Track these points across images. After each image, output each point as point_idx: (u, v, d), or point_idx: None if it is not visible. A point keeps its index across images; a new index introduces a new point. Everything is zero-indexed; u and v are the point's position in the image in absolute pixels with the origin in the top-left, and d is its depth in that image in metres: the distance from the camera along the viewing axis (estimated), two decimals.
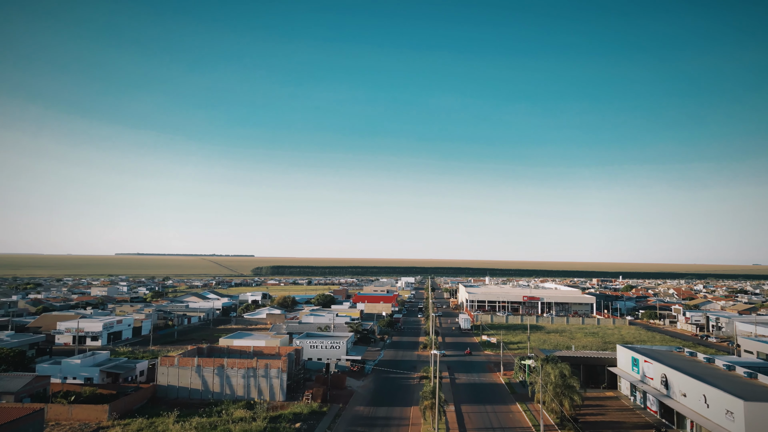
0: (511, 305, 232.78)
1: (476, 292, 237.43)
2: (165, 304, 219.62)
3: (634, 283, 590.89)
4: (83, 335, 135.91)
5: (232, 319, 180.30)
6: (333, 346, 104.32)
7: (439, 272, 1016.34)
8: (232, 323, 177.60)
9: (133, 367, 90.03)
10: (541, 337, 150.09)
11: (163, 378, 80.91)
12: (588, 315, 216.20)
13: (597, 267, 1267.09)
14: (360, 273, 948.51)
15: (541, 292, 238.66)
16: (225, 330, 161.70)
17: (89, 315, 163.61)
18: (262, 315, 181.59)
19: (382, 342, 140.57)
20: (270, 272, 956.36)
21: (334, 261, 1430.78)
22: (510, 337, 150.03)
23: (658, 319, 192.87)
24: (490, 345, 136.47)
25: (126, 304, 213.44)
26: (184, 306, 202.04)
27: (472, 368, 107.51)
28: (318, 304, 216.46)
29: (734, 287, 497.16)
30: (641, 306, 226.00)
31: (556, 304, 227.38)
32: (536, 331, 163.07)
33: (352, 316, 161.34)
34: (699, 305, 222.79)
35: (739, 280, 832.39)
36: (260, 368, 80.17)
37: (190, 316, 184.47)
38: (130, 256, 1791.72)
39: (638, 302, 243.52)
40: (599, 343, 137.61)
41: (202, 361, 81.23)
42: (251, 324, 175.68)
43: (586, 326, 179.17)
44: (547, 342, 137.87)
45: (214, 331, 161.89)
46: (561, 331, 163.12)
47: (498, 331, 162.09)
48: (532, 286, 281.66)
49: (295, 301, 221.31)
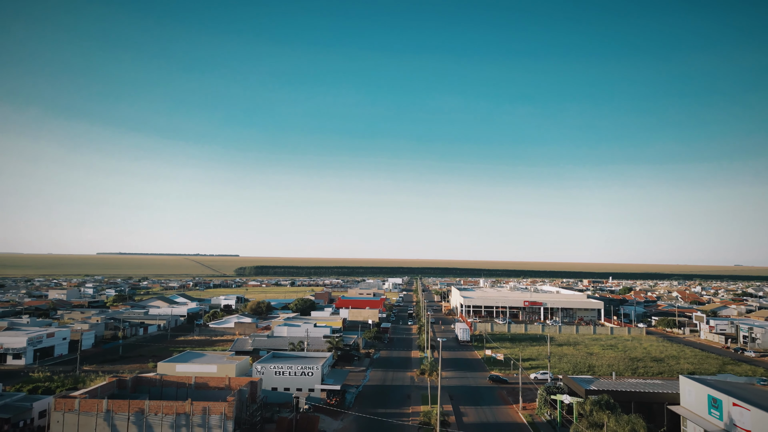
0: (510, 311, 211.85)
1: (472, 296, 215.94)
2: (123, 310, 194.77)
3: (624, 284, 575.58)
4: (3, 352, 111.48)
5: (196, 329, 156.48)
6: (305, 372, 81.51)
7: (426, 272, 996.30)
8: (195, 333, 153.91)
9: (29, 407, 66.35)
10: (553, 351, 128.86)
11: (58, 428, 57.56)
12: (595, 322, 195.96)
13: (589, 267, 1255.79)
14: (346, 273, 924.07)
15: (543, 296, 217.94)
16: (183, 343, 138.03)
17: (22, 325, 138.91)
18: (230, 324, 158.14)
19: (368, 358, 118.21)
20: (254, 272, 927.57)
21: (319, 261, 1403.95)
22: (517, 351, 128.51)
23: (677, 327, 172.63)
24: (497, 362, 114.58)
25: (77, 311, 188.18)
26: (143, 313, 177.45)
27: (481, 398, 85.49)
28: (296, 310, 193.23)
29: (731, 289, 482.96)
30: (653, 312, 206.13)
31: (560, 310, 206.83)
32: (544, 343, 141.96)
33: (333, 327, 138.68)
34: (715, 311, 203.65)
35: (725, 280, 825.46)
36: (196, 414, 57.31)
37: (147, 325, 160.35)
38: (111, 255, 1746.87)
39: (647, 307, 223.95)
40: (625, 360, 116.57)
41: (114, 404, 58.03)
42: (216, 335, 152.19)
43: (600, 336, 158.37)
44: (563, 359, 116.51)
45: (171, 343, 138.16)
46: (574, 343, 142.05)
47: (502, 343, 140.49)
48: (531, 289, 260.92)
49: (270, 307, 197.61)
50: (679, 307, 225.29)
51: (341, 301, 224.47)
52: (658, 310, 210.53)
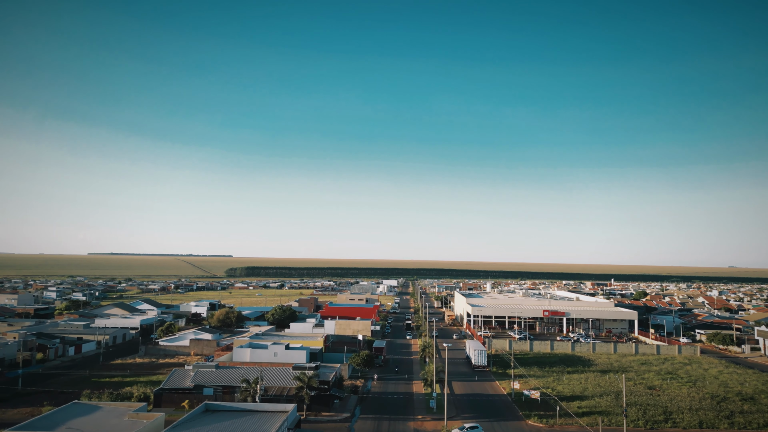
0: (525, 321, 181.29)
1: (481, 304, 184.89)
2: (65, 320, 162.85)
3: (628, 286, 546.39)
4: None
5: (141, 348, 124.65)
6: None
7: (422, 274, 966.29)
8: (139, 354, 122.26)
9: None
10: (598, 381, 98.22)
11: None
12: (628, 336, 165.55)
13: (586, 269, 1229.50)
14: (340, 275, 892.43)
15: (564, 305, 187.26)
16: (118, 369, 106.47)
17: None
18: (185, 341, 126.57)
19: (354, 394, 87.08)
20: (244, 273, 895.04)
21: (313, 262, 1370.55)
22: (550, 381, 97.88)
23: (735, 344, 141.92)
24: (531, 403, 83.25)
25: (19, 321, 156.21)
26: (83, 326, 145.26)
27: None
28: (273, 321, 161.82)
29: (747, 293, 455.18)
30: (694, 323, 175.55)
31: (584, 321, 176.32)
32: (581, 368, 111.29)
33: (312, 348, 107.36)
34: (762, 321, 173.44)
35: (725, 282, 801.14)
36: None
37: (82, 343, 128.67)
38: (103, 255, 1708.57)
39: (683, 317, 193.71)
40: (705, 399, 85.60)
41: None
42: (166, 355, 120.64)
43: (647, 358, 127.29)
44: (618, 397, 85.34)
45: (104, 368, 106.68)
46: (619, 369, 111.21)
47: (528, 368, 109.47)
48: (548, 296, 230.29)
49: (241, 317, 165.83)
50: (718, 317, 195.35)
51: (328, 309, 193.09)
52: (699, 321, 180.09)
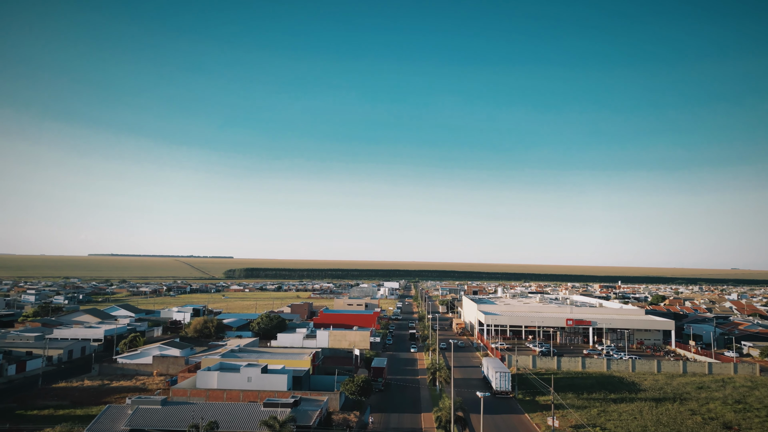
0: (545, 331, 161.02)
1: (495, 312, 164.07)
2: (22, 330, 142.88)
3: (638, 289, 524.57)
4: None
5: (95, 366, 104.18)
6: None
7: (423, 275, 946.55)
8: (91, 375, 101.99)
9: None
10: (655, 415, 77.72)
11: None
12: (665, 349, 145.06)
13: (588, 271, 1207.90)
14: (340, 276, 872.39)
15: (589, 312, 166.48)
16: (60, 393, 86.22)
17: None
18: (148, 358, 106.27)
19: None
20: (243, 275, 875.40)
21: (313, 263, 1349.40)
22: (594, 414, 77.43)
23: None
24: None
25: None
26: (34, 338, 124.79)
27: None
28: (258, 332, 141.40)
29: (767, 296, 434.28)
30: (737, 333, 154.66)
31: (613, 331, 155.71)
32: (624, 393, 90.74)
33: (296, 369, 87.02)
34: None
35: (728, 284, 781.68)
36: None
37: (26, 360, 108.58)
38: (102, 257, 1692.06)
39: (720, 325, 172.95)
40: None
41: None
42: (123, 376, 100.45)
43: (701, 380, 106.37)
44: None
45: (39, 395, 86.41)
46: (676, 396, 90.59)
47: (563, 394, 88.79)
48: (569, 302, 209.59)
49: (221, 326, 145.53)
50: (760, 325, 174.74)
51: (323, 317, 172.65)
52: (742, 330, 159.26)
